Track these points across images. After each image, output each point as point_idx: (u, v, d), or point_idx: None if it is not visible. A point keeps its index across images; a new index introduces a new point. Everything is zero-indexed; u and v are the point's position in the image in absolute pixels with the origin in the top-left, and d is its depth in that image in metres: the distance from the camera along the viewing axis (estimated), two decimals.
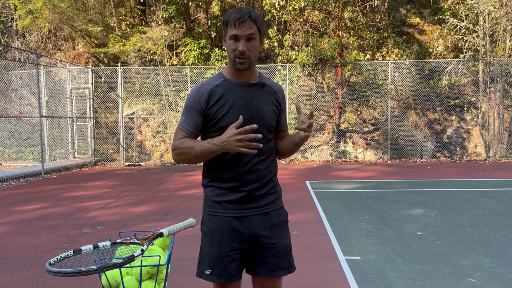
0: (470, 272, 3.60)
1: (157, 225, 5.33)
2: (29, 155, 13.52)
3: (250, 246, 1.91)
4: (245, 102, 1.86)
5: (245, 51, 1.79)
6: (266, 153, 1.91)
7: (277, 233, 1.92)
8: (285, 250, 1.93)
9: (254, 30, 1.80)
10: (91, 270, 1.53)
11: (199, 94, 1.87)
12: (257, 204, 1.90)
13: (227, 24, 1.82)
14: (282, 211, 1.99)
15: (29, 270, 3.86)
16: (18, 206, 6.90)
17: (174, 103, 13.74)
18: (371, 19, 14.22)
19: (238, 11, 1.81)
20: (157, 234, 1.98)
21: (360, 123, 13.71)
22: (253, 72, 1.91)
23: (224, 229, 1.88)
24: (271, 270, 1.90)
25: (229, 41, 1.82)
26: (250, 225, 1.88)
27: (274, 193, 1.96)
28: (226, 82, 1.90)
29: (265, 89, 1.93)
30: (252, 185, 1.87)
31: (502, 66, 12.89)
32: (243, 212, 1.88)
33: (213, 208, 1.92)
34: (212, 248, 1.89)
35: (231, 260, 1.87)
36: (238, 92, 1.87)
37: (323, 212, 5.95)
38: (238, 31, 1.79)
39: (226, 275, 1.88)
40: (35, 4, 14.08)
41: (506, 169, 10.37)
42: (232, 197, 1.88)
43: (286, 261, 1.93)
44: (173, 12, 14.09)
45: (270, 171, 1.93)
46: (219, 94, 1.86)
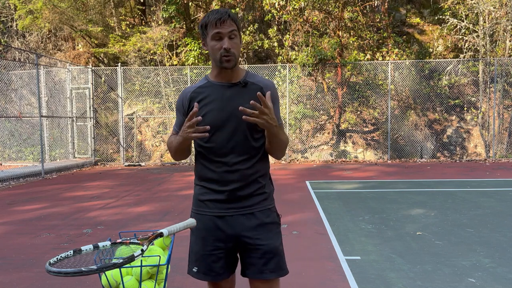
0: (470, 272, 3.60)
1: (157, 225, 5.33)
2: (29, 155, 13.52)
3: (235, 246, 1.91)
4: (223, 103, 1.87)
5: (230, 48, 1.81)
6: (249, 153, 1.88)
7: (264, 234, 1.88)
8: (274, 251, 1.88)
9: (234, 27, 1.83)
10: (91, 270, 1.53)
11: (183, 97, 1.98)
12: (241, 204, 1.88)
13: (207, 26, 1.84)
14: (271, 213, 1.94)
15: (29, 270, 3.86)
16: (18, 206, 6.90)
17: (174, 103, 13.74)
18: (371, 19, 14.22)
19: (217, 12, 1.83)
20: (157, 234, 1.97)
21: (360, 123, 13.71)
22: (236, 72, 1.91)
23: (208, 228, 1.90)
24: (259, 272, 1.87)
25: (212, 41, 1.83)
26: (232, 225, 1.87)
27: (261, 194, 1.92)
28: (208, 84, 1.94)
29: (248, 87, 1.90)
30: (233, 185, 1.86)
31: (502, 66, 12.89)
32: (226, 211, 1.88)
33: (199, 207, 1.95)
34: (197, 246, 1.94)
35: (216, 259, 1.90)
36: (218, 93, 1.89)
37: (323, 212, 5.95)
38: (220, 29, 1.80)
39: (212, 274, 1.91)
40: (35, 4, 14.08)
41: (506, 169, 10.37)
42: (215, 196, 1.89)
43: (275, 263, 1.88)
44: (173, 12, 14.09)
45: (255, 172, 1.89)
46: (201, 96, 1.92)
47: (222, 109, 1.86)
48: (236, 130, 1.86)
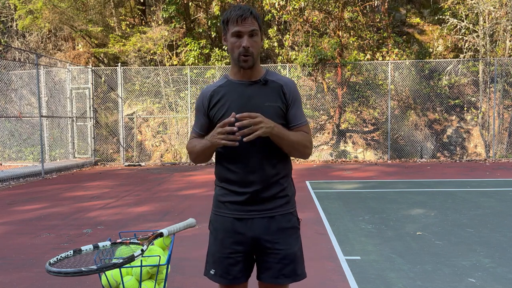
0: (470, 272, 3.60)
1: (157, 225, 5.33)
2: (29, 155, 13.52)
3: (254, 249, 1.86)
4: (243, 101, 1.83)
5: (249, 47, 1.77)
6: (270, 153, 1.83)
7: (283, 239, 1.84)
8: (292, 257, 1.85)
9: (256, 26, 1.80)
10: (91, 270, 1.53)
11: (203, 96, 1.92)
12: (262, 207, 1.83)
13: (228, 22, 1.80)
14: (292, 217, 1.90)
15: (29, 270, 3.86)
16: (18, 206, 6.89)
17: (174, 103, 13.74)
18: (371, 19, 14.22)
19: (239, 9, 1.79)
20: (157, 234, 1.98)
21: (360, 123, 13.71)
22: (256, 70, 1.87)
23: (226, 230, 1.86)
24: (274, 277, 1.84)
25: (232, 38, 1.80)
26: (253, 228, 1.83)
27: (283, 197, 1.87)
28: (228, 83, 1.89)
29: (268, 85, 1.87)
30: (255, 187, 1.81)
31: (502, 66, 12.89)
32: (246, 214, 1.84)
33: (219, 208, 1.91)
34: (215, 247, 1.89)
35: (234, 262, 1.85)
36: (238, 91, 1.86)
37: (323, 212, 5.95)
38: (241, 27, 1.77)
39: (229, 277, 1.85)
40: (35, 4, 14.08)
41: (506, 169, 10.36)
42: (236, 198, 1.85)
43: (291, 269, 1.85)
44: (173, 12, 14.09)
45: (276, 173, 1.85)
46: (220, 95, 1.87)
47: (242, 107, 1.81)
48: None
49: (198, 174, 10.66)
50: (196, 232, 4.79)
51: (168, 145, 13.64)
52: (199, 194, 7.71)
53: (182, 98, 13.75)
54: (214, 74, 13.36)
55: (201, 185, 8.80)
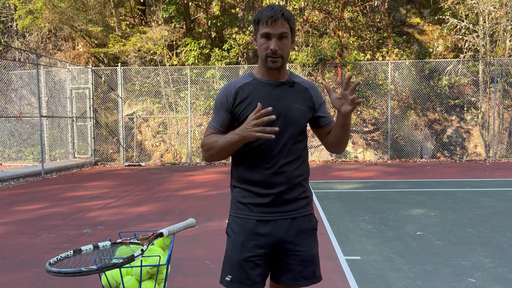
0: (470, 272, 3.60)
1: (157, 225, 5.33)
2: (29, 155, 13.52)
3: (274, 251, 1.83)
4: (271, 101, 1.79)
5: (277, 49, 1.74)
6: (295, 154, 1.82)
7: (304, 241, 1.83)
8: (311, 259, 1.84)
9: (286, 28, 1.75)
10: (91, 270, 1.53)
11: (227, 92, 1.85)
12: (285, 208, 1.81)
13: (259, 22, 1.77)
14: (312, 218, 1.89)
15: (29, 270, 3.86)
16: (18, 206, 6.89)
17: (174, 103, 13.74)
18: (371, 19, 14.22)
19: (271, 9, 1.75)
20: (157, 234, 1.98)
21: (360, 123, 13.71)
22: (283, 71, 1.85)
23: (248, 232, 1.81)
24: (294, 279, 1.82)
25: (261, 39, 1.77)
26: (276, 230, 1.80)
27: (304, 198, 1.86)
28: (254, 81, 1.86)
29: (295, 88, 1.86)
30: (279, 188, 1.78)
31: (502, 66, 12.89)
32: (270, 216, 1.80)
33: (239, 210, 1.85)
34: (234, 252, 1.82)
35: (253, 265, 1.79)
36: (265, 91, 1.82)
37: (323, 212, 5.95)
38: (270, 29, 1.74)
39: (248, 282, 1.79)
40: (35, 4, 14.08)
41: (506, 169, 10.36)
42: (260, 200, 1.80)
43: (311, 271, 1.83)
44: (173, 12, 14.08)
45: (300, 175, 1.83)
46: (246, 93, 1.82)
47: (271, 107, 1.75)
48: (284, 130, 1.78)
49: (198, 174, 10.66)
50: (196, 232, 4.79)
51: (168, 145, 13.64)
52: (199, 194, 7.71)
53: (182, 98, 13.75)
54: (214, 74, 13.36)
55: (201, 185, 8.80)
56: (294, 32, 1.84)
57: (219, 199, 6.99)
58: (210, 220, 5.49)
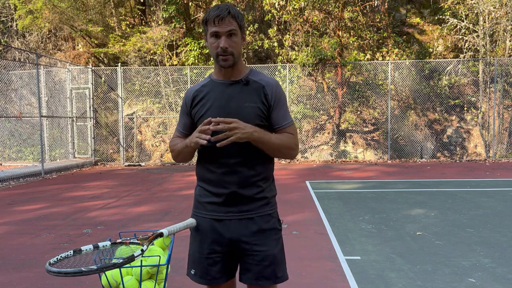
0: (470, 272, 3.60)
1: (157, 225, 5.33)
2: (29, 155, 13.52)
3: (232, 250, 1.86)
4: (223, 101, 1.83)
5: (227, 47, 1.76)
6: (248, 154, 1.80)
7: (262, 241, 1.82)
8: (271, 259, 1.82)
9: (234, 26, 1.78)
10: (91, 270, 1.53)
11: (186, 96, 1.95)
12: (239, 208, 1.82)
13: (207, 23, 1.81)
14: (271, 218, 1.87)
15: (29, 270, 3.86)
16: (18, 206, 6.89)
17: (174, 103, 13.74)
18: (371, 19, 14.22)
19: (217, 9, 1.79)
20: (157, 234, 1.97)
21: (360, 123, 13.71)
22: (237, 69, 1.86)
23: (205, 230, 1.87)
24: (255, 279, 1.82)
25: (210, 39, 1.80)
26: (231, 229, 1.82)
27: (261, 199, 1.85)
28: (210, 82, 1.91)
29: (250, 86, 1.84)
30: (231, 188, 1.81)
31: (502, 66, 12.89)
32: (224, 215, 1.83)
33: (197, 208, 1.92)
34: (194, 248, 1.91)
35: (212, 262, 1.85)
36: (218, 91, 1.86)
37: (323, 212, 5.95)
38: (218, 28, 1.77)
39: (208, 277, 1.86)
40: (35, 4, 14.08)
41: (506, 169, 10.36)
42: (214, 199, 1.85)
43: (271, 270, 1.82)
44: (173, 12, 14.09)
45: (256, 174, 1.83)
46: (202, 95, 1.89)
47: (221, 107, 1.81)
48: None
49: None
50: None
51: (168, 145, 13.63)
52: None
53: (182, 98, 13.74)
54: None
55: None
56: (243, 29, 1.85)
57: None
58: None
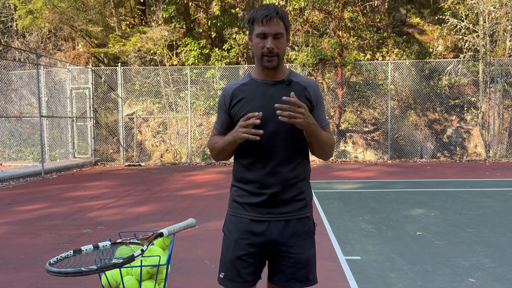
0: (470, 272, 3.60)
1: (157, 225, 5.33)
2: (29, 155, 13.52)
3: (267, 252, 1.85)
4: (266, 101, 1.79)
5: (273, 48, 1.75)
6: (290, 155, 1.81)
7: (298, 243, 1.82)
8: (305, 262, 1.83)
9: (281, 28, 1.76)
10: (91, 270, 1.53)
11: (225, 94, 1.89)
12: (279, 210, 1.81)
13: (253, 22, 1.78)
14: (308, 221, 1.88)
15: (29, 270, 3.86)
16: (18, 206, 6.89)
17: (174, 103, 13.74)
18: (371, 19, 14.22)
19: (265, 8, 1.76)
20: (157, 234, 1.98)
21: (360, 123, 13.71)
22: (280, 70, 1.85)
23: (241, 230, 1.84)
24: (286, 280, 1.83)
25: (256, 39, 1.78)
26: (269, 231, 1.81)
27: (300, 201, 1.84)
28: (251, 81, 1.87)
29: (292, 86, 1.83)
30: (272, 189, 1.79)
31: (502, 66, 12.89)
32: (263, 216, 1.82)
33: (234, 209, 1.89)
34: (228, 250, 1.86)
35: (246, 264, 1.82)
36: (260, 91, 1.83)
37: (323, 212, 5.95)
38: (265, 28, 1.74)
39: (240, 280, 1.82)
40: (35, 4, 14.08)
41: (506, 169, 10.36)
42: (253, 199, 1.82)
43: (304, 273, 1.83)
44: (173, 12, 14.08)
45: (295, 176, 1.82)
46: (243, 94, 1.84)
47: (264, 108, 1.77)
48: (278, 130, 1.78)
49: (198, 174, 10.66)
50: (196, 232, 4.79)
51: (168, 145, 13.63)
52: (199, 194, 7.71)
53: (182, 98, 13.75)
54: (214, 74, 13.36)
55: (201, 185, 8.79)
56: (289, 30, 1.84)
57: (219, 199, 6.99)
58: (210, 220, 5.49)
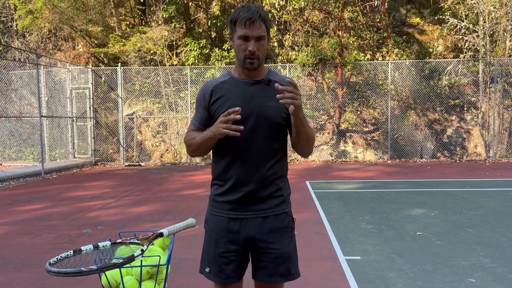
0: (470, 272, 3.60)
1: (157, 225, 5.33)
2: (29, 155, 13.52)
3: (248, 249, 1.88)
4: (245, 100, 1.82)
5: (255, 51, 1.77)
6: (268, 153, 1.84)
7: (277, 239, 1.85)
8: (285, 257, 1.86)
9: (263, 30, 1.78)
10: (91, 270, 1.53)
11: (205, 90, 1.91)
12: (257, 207, 1.84)
13: (235, 23, 1.79)
14: (286, 217, 1.91)
15: (29, 270, 3.86)
16: (18, 206, 6.89)
17: (174, 103, 13.74)
18: (371, 19, 14.21)
19: (247, 10, 1.76)
20: (157, 234, 1.98)
21: (360, 123, 13.71)
22: (260, 70, 1.87)
23: (221, 229, 1.87)
24: (269, 276, 1.86)
25: (238, 40, 1.79)
26: (247, 227, 1.84)
27: (278, 197, 1.88)
28: (231, 80, 1.90)
29: (271, 85, 1.84)
30: (250, 187, 1.82)
31: (502, 66, 12.89)
32: (241, 214, 1.85)
33: (214, 207, 1.93)
34: (210, 247, 1.91)
35: (227, 261, 1.86)
36: (239, 89, 1.85)
37: (323, 212, 5.95)
38: (248, 31, 1.75)
39: (223, 276, 1.87)
40: (35, 4, 14.08)
41: (506, 169, 10.36)
42: (231, 197, 1.85)
43: (285, 268, 1.86)
44: (173, 12, 14.08)
45: (273, 173, 1.85)
46: (222, 91, 1.87)
47: (243, 106, 1.79)
48: (256, 128, 1.81)
49: (198, 174, 10.66)
50: (196, 232, 4.79)
51: (168, 145, 13.63)
52: (199, 194, 7.71)
53: (182, 98, 13.74)
54: (214, 74, 13.36)
55: (201, 185, 8.80)
56: (269, 32, 1.86)
57: None
58: None
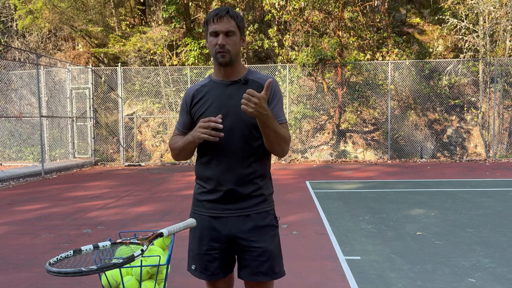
0: (470, 272, 3.60)
1: (157, 225, 5.33)
2: (29, 155, 13.52)
3: (231, 247, 1.91)
4: (222, 101, 1.87)
5: (224, 44, 1.81)
6: (246, 152, 1.85)
7: (259, 237, 1.87)
8: (268, 255, 1.87)
9: (232, 25, 1.83)
10: (91, 270, 1.53)
11: (186, 95, 1.99)
12: (237, 205, 1.87)
13: (207, 23, 1.86)
14: (268, 215, 1.92)
15: (29, 270, 3.86)
16: (18, 206, 6.89)
17: (174, 103, 13.74)
18: (371, 19, 14.22)
19: (217, 9, 1.85)
20: (157, 234, 1.97)
21: (360, 123, 13.71)
22: (236, 69, 1.91)
23: (203, 228, 1.92)
24: (253, 274, 1.87)
25: (210, 37, 1.85)
26: (229, 226, 1.87)
27: (258, 196, 1.89)
28: (210, 82, 1.96)
29: (249, 85, 1.87)
30: (229, 185, 1.85)
31: (502, 66, 12.89)
32: (222, 212, 1.88)
33: (196, 206, 1.97)
34: (194, 245, 1.96)
35: (211, 258, 1.91)
36: (218, 91, 1.90)
37: (323, 212, 5.95)
38: (216, 26, 1.81)
39: (207, 273, 1.92)
40: (35, 4, 14.08)
41: (506, 169, 10.36)
42: (211, 196, 1.90)
43: (268, 266, 1.87)
44: (173, 12, 14.09)
45: (252, 172, 1.87)
46: (202, 94, 1.94)
47: (221, 107, 1.86)
48: (234, 128, 1.84)
49: None
50: None
51: (168, 145, 13.63)
52: None
53: (182, 98, 13.73)
54: None
55: None
56: (243, 30, 1.89)
57: None
58: None
